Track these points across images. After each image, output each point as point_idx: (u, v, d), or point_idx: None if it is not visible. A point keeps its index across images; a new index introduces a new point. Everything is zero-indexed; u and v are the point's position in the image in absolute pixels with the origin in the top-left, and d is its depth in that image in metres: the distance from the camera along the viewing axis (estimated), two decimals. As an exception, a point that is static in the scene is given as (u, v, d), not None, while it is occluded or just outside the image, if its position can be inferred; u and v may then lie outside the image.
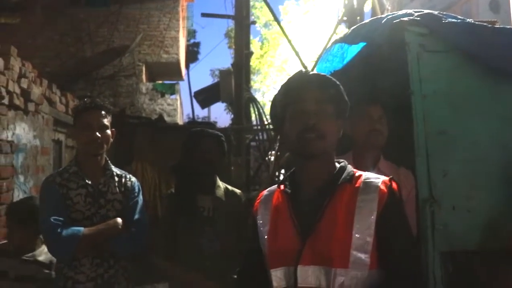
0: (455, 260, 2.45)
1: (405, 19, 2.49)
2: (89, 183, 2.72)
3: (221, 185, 3.22)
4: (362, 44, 2.81)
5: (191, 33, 24.09)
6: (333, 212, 1.71)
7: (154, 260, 3.14)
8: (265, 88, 23.43)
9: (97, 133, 2.69)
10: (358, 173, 1.83)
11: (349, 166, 1.86)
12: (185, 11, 17.76)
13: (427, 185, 2.42)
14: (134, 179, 2.92)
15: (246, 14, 11.67)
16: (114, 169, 2.85)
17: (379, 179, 1.77)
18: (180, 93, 17.74)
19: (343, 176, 1.79)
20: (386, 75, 2.81)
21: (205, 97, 13.17)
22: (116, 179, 2.82)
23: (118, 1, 13.74)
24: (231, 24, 16.00)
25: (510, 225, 2.38)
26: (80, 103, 2.91)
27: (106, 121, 2.75)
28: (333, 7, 17.45)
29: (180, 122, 15.85)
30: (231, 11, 12.84)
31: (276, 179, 7.52)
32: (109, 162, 2.84)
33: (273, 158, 9.21)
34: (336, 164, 1.86)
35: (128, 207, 2.78)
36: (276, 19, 10.78)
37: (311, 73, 1.92)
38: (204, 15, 12.89)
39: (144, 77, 14.20)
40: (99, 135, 2.69)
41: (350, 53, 2.93)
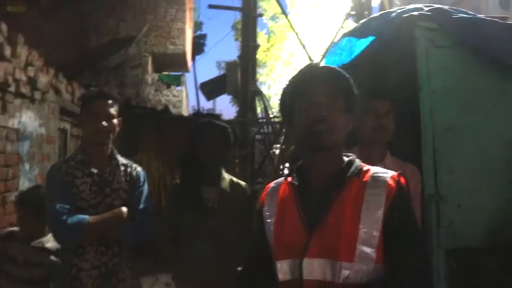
0: (460, 257, 2.44)
1: (415, 13, 2.48)
2: (95, 171, 2.72)
3: (227, 177, 3.22)
4: (371, 38, 2.80)
5: (197, 25, 24.03)
6: (341, 206, 1.71)
7: (158, 249, 3.16)
8: (271, 81, 23.36)
9: (103, 122, 2.68)
10: (366, 167, 1.82)
11: (357, 160, 1.85)
12: (192, 2, 17.70)
13: (434, 181, 2.41)
14: (139, 168, 2.92)
15: (254, 6, 11.65)
16: (120, 158, 2.85)
17: (387, 173, 1.76)
18: (186, 84, 17.75)
19: (352, 170, 1.79)
20: (394, 69, 2.80)
21: (211, 89, 13.16)
22: (122, 168, 2.82)
23: (125, -9, 13.71)
24: (238, 16, 15.91)
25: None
26: (87, 92, 2.91)
27: (113, 110, 2.74)
28: (341, 0, 17.35)
29: (185, 114, 15.83)
30: (238, 3, 12.77)
31: (281, 172, 7.52)
32: (115, 151, 2.84)
33: (278, 151, 9.20)
34: (345, 158, 1.85)
35: (134, 196, 2.77)
36: (284, 12, 10.75)
37: (321, 66, 1.91)
38: (211, 6, 12.86)
39: (150, 68, 14.18)
40: (105, 124, 2.69)
41: (358, 47, 2.92)
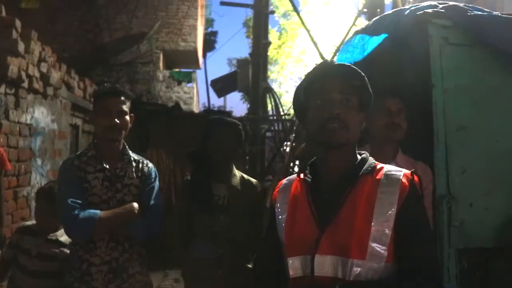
0: (471, 257, 2.43)
1: (429, 11, 2.46)
2: (107, 167, 2.73)
3: (237, 173, 3.21)
4: (384, 36, 2.78)
5: (209, 22, 24.06)
6: (353, 203, 1.71)
7: (168, 246, 3.16)
8: (282, 78, 23.28)
9: (115, 119, 2.69)
10: (379, 165, 1.82)
11: (370, 158, 1.85)
12: (204, -1, 17.75)
13: (445, 181, 2.39)
14: (151, 164, 2.93)
15: (265, 3, 11.63)
16: (131, 154, 2.86)
17: (400, 172, 1.76)
18: (197, 81, 17.77)
19: (365, 167, 1.79)
20: (407, 67, 2.78)
21: (222, 86, 13.15)
22: (134, 164, 2.83)
23: (137, -13, 13.74)
24: (249, 13, 15.90)
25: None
26: (99, 88, 2.92)
27: (125, 107, 2.75)
28: (353, -2, 17.30)
29: (196, 111, 15.87)
30: (250, 0, 12.76)
31: (291, 170, 7.51)
32: (127, 147, 2.85)
33: (288, 149, 9.18)
34: (358, 156, 1.85)
35: (145, 192, 2.78)
36: (296, 10, 10.70)
37: (337, 63, 1.90)
38: (223, 3, 12.85)
39: (161, 64, 14.22)
40: (117, 121, 2.69)
41: (371, 44, 2.90)
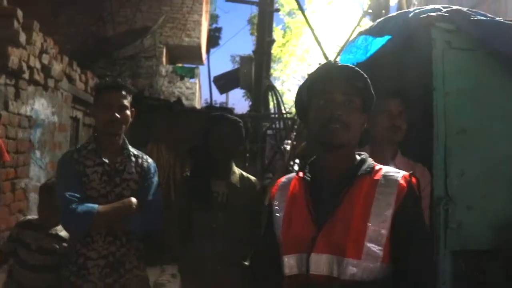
0: (467, 259, 2.44)
1: (433, 14, 2.46)
2: (106, 161, 2.73)
3: (237, 171, 3.21)
4: (387, 37, 2.78)
5: (213, 18, 24.05)
6: (351, 202, 1.72)
7: (166, 241, 3.17)
8: (285, 77, 23.31)
9: (116, 113, 2.69)
10: (378, 166, 1.83)
11: (369, 159, 1.87)
12: (208, -5, 17.71)
13: (444, 183, 2.40)
14: (150, 160, 2.93)
15: (270, 1, 11.64)
16: (131, 149, 2.86)
17: (399, 173, 1.77)
18: (200, 77, 17.77)
19: (363, 168, 1.80)
20: (409, 70, 2.78)
21: (224, 82, 13.16)
22: (133, 159, 2.83)
23: (142, -19, 13.72)
24: (254, 10, 15.95)
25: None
26: (101, 82, 2.92)
27: (126, 102, 2.75)
28: (358, -1, 17.30)
29: (198, 107, 15.87)
30: (255, -3, 12.74)
31: (291, 168, 7.52)
32: (126, 142, 2.85)
33: (288, 147, 9.19)
34: (357, 156, 1.86)
35: (143, 188, 2.78)
36: (300, 8, 10.70)
37: (340, 64, 1.91)
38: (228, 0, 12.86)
39: (164, 59, 14.21)
40: (118, 115, 2.69)
41: (374, 45, 2.90)
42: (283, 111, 11.12)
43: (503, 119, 2.50)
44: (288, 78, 23.24)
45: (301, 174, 1.92)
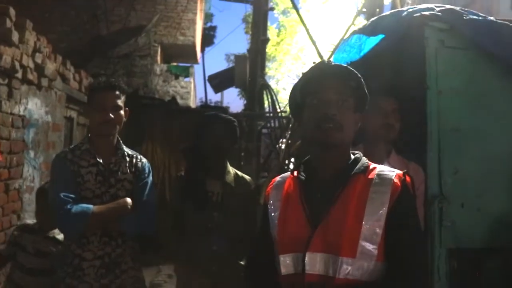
0: (461, 257, 2.45)
1: (426, 13, 2.47)
2: (100, 161, 2.73)
3: (231, 170, 3.21)
4: (381, 36, 2.79)
5: (208, 17, 24.01)
6: (345, 201, 1.73)
7: (161, 241, 3.16)
8: (280, 75, 23.30)
9: (110, 114, 2.68)
10: (372, 165, 1.84)
11: (364, 157, 1.87)
12: (203, -6, 17.67)
13: (438, 181, 2.41)
14: (145, 160, 2.92)
15: (265, 0, 11.60)
16: (125, 149, 2.85)
17: (393, 172, 1.78)
18: (194, 76, 17.74)
19: (357, 167, 1.81)
20: (403, 69, 2.79)
21: (219, 81, 13.13)
22: (127, 159, 2.82)
23: (136, -20, 13.67)
24: (249, 9, 15.87)
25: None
26: (95, 82, 2.91)
27: (120, 102, 2.74)
28: (352, -3, 17.30)
29: (192, 106, 15.83)
30: (250, -4, 12.71)
31: (286, 167, 7.52)
32: (121, 142, 2.84)
33: (283, 146, 9.20)
34: (351, 155, 1.86)
35: (138, 187, 2.78)
36: (295, 7, 10.68)
37: (334, 63, 1.91)
38: (222, -2, 12.82)
39: (159, 58, 14.17)
40: (112, 116, 2.68)
41: (368, 44, 2.90)
42: (278, 110, 11.11)
43: (496, 117, 2.51)
44: (283, 77, 23.24)
45: (295, 173, 1.92)
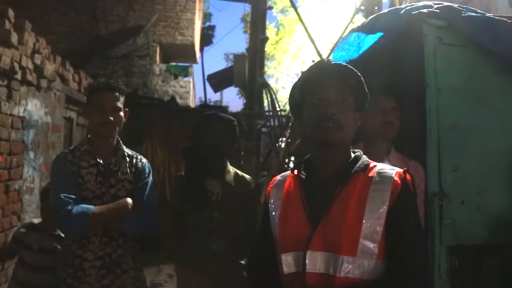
0: (462, 254, 2.45)
1: (424, 10, 2.47)
2: (100, 162, 2.72)
3: (231, 170, 3.21)
4: (379, 34, 2.79)
5: (206, 16, 24.01)
6: (345, 200, 1.73)
7: (161, 241, 3.17)
8: (279, 74, 23.34)
9: (109, 116, 2.67)
10: (372, 163, 1.84)
11: (364, 156, 1.87)
12: (201, -7, 17.66)
13: (437, 179, 2.41)
14: (145, 160, 2.92)
15: (263, -1, 11.61)
16: (125, 149, 2.85)
17: (393, 170, 1.78)
18: (193, 76, 17.72)
19: (358, 165, 1.81)
20: (402, 66, 2.79)
21: (218, 81, 13.13)
22: (128, 159, 2.82)
23: (135, -20, 13.66)
24: (247, 8, 15.86)
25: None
26: (94, 83, 2.91)
27: (119, 103, 2.73)
28: (350, -5, 17.31)
29: (192, 105, 15.81)
30: (248, -5, 12.69)
31: (286, 166, 7.52)
32: (120, 142, 2.84)
33: (283, 145, 9.20)
34: (351, 154, 1.86)
35: (138, 187, 2.78)
36: (293, 6, 10.67)
37: (333, 62, 1.91)
38: (220, -2, 12.80)
39: (158, 58, 14.15)
40: (111, 118, 2.68)
41: (366, 42, 2.91)
42: (278, 109, 11.11)
43: (495, 114, 2.51)
44: (282, 76, 23.28)
45: (296, 172, 1.92)
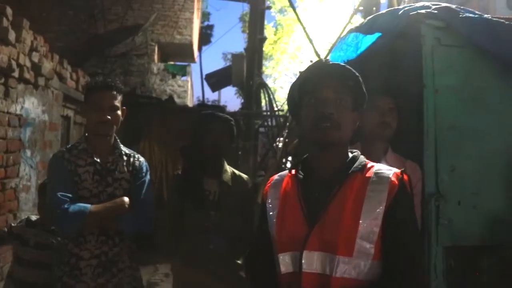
0: (458, 255, 2.45)
1: (422, 11, 2.47)
2: (98, 160, 2.72)
3: (229, 169, 3.21)
4: (377, 35, 2.79)
5: (205, 15, 24.01)
6: (342, 200, 1.72)
7: (158, 240, 3.16)
8: (277, 74, 23.30)
9: (107, 115, 2.66)
10: (370, 164, 1.84)
11: (361, 156, 1.87)
12: (200, -7, 17.65)
13: (434, 179, 2.42)
14: (142, 159, 2.92)
15: (262, -2, 11.61)
16: (123, 148, 2.85)
17: (391, 171, 1.78)
18: (192, 75, 17.72)
19: (355, 165, 1.80)
20: (400, 67, 2.80)
21: (216, 80, 13.13)
22: (125, 158, 2.81)
23: (133, -21, 13.65)
24: (246, 8, 15.86)
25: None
26: (92, 82, 2.90)
27: (117, 102, 2.73)
28: (349, -4, 17.31)
29: (190, 104, 15.81)
30: (247, -5, 12.69)
31: (283, 166, 7.52)
32: (118, 141, 2.83)
33: (281, 144, 9.20)
34: (349, 154, 1.86)
35: (135, 186, 2.77)
36: (292, 6, 10.67)
37: (331, 62, 1.91)
38: (219, -3, 12.80)
39: (156, 57, 14.15)
40: (109, 116, 2.67)
41: (364, 43, 2.91)
42: (275, 109, 11.11)
43: (492, 115, 2.51)
44: (280, 76, 23.23)
45: (293, 171, 1.92)
